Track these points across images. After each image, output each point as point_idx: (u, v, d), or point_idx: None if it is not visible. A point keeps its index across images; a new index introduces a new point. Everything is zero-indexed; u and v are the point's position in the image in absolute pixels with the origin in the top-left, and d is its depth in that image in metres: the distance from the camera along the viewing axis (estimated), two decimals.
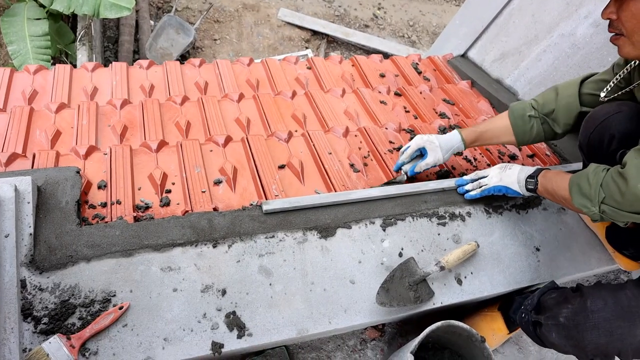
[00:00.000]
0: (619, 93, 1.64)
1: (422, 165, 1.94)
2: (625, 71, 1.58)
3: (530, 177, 1.70)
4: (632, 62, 1.53)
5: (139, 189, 1.78)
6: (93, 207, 1.66)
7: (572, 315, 1.44)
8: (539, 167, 1.74)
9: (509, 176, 1.77)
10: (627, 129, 1.58)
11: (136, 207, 1.69)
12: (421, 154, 1.99)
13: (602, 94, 1.68)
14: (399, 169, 2.05)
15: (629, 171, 1.28)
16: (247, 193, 1.86)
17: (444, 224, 1.86)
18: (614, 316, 1.35)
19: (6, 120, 2.00)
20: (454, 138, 1.95)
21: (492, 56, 2.98)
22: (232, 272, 1.53)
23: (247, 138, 2.06)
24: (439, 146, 1.92)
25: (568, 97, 1.81)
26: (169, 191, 1.79)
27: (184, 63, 2.68)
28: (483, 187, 1.86)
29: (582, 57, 2.41)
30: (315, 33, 6.14)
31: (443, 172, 2.12)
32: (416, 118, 2.57)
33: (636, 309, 1.34)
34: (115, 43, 5.15)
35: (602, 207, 1.37)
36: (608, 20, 1.36)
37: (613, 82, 1.64)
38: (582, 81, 1.80)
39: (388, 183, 2.04)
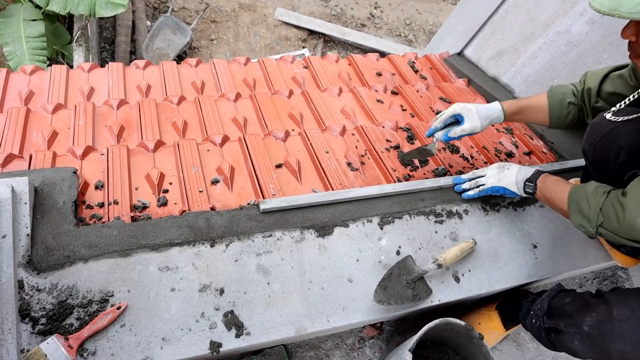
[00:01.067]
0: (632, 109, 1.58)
1: (457, 130, 1.85)
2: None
3: (529, 180, 1.70)
4: None
5: (136, 189, 1.78)
6: (90, 207, 1.66)
7: (598, 324, 1.41)
8: (538, 169, 1.73)
9: (507, 177, 1.76)
10: (636, 140, 1.53)
11: (133, 207, 1.69)
12: (457, 121, 1.91)
13: (615, 109, 1.59)
14: (431, 135, 1.96)
15: (628, 203, 1.29)
16: (245, 192, 1.86)
17: (441, 222, 1.86)
18: None
19: (2, 121, 1.99)
20: (493, 107, 1.87)
21: (488, 54, 2.99)
22: (230, 271, 1.53)
23: (244, 137, 2.06)
24: (476, 113, 1.83)
25: (589, 89, 1.78)
26: (166, 191, 1.79)
27: (180, 63, 2.68)
28: (481, 188, 1.86)
29: (578, 55, 2.42)
30: (312, 32, 6.14)
31: (440, 171, 2.12)
32: (413, 116, 2.57)
33: None
34: (112, 44, 5.14)
35: (600, 229, 1.39)
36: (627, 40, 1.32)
37: (629, 99, 1.56)
38: (606, 75, 1.75)
39: (419, 150, 1.99)
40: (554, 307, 1.60)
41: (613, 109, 1.60)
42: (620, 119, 1.56)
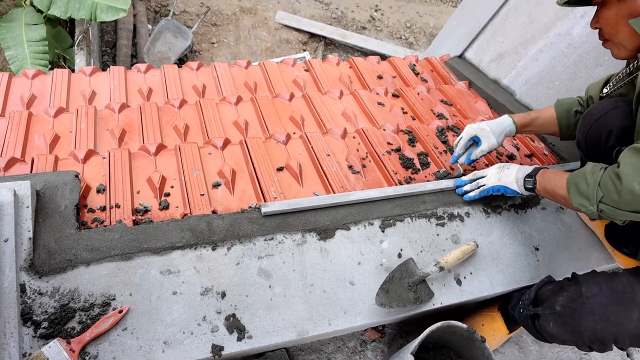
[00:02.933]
0: (622, 85, 1.68)
1: (477, 152, 1.99)
2: (628, 70, 1.62)
3: (528, 176, 1.70)
4: (634, 62, 1.56)
5: (138, 193, 1.78)
6: (92, 211, 1.66)
7: (568, 303, 1.45)
8: (537, 166, 1.74)
9: (508, 176, 1.77)
10: (624, 124, 1.60)
11: (135, 211, 1.69)
12: (474, 142, 2.04)
13: (605, 90, 1.74)
14: (455, 162, 2.09)
15: (623, 171, 1.29)
16: (246, 195, 1.86)
17: (442, 225, 1.86)
18: (609, 301, 1.37)
19: (5, 125, 2.00)
20: (504, 122, 2.00)
21: (489, 57, 2.99)
22: (232, 274, 1.54)
23: (245, 141, 2.07)
24: (490, 132, 1.96)
25: (590, 97, 1.88)
26: (167, 194, 1.79)
27: (181, 67, 2.68)
28: (482, 188, 1.86)
29: (578, 57, 2.42)
30: (312, 35, 6.15)
31: (441, 173, 2.12)
32: (414, 119, 2.57)
33: (631, 295, 1.35)
34: (113, 47, 5.15)
35: (600, 206, 1.38)
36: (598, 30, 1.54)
37: (617, 78, 1.69)
38: (605, 82, 1.85)
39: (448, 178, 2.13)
40: (539, 295, 1.62)
41: (604, 90, 1.75)
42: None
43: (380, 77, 2.88)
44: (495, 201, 1.97)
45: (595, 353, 2.14)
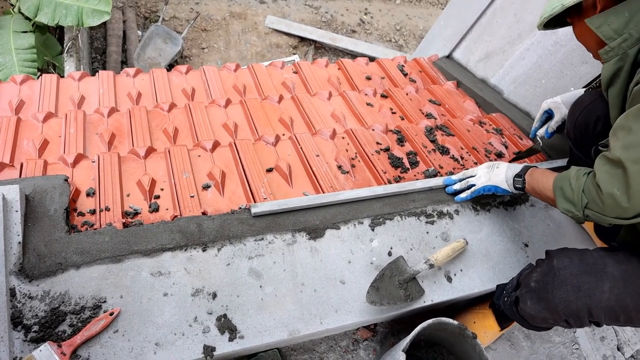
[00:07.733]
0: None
1: (552, 124, 2.14)
2: None
3: (517, 175, 1.72)
4: None
5: (128, 196, 1.78)
6: (82, 214, 1.66)
7: (541, 277, 1.49)
8: (526, 164, 1.76)
9: (497, 175, 1.78)
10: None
11: (125, 214, 1.69)
12: (549, 115, 2.18)
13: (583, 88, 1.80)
14: (534, 136, 2.27)
15: (600, 179, 1.32)
16: (236, 197, 1.87)
17: (432, 222, 1.87)
18: (580, 271, 1.39)
19: None
20: (577, 93, 2.06)
21: (477, 56, 3.02)
22: (222, 275, 1.54)
23: (234, 143, 2.07)
24: (562, 103, 2.09)
25: None
26: (157, 197, 1.79)
27: (170, 70, 2.69)
28: (472, 189, 1.88)
29: (565, 54, 2.44)
30: (302, 39, 6.17)
31: (431, 172, 2.14)
32: (403, 119, 2.59)
33: (602, 266, 1.38)
34: (103, 54, 5.15)
35: (586, 211, 1.40)
36: None
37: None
38: None
39: (528, 151, 2.32)
40: (520, 281, 1.65)
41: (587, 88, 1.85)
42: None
43: (369, 78, 2.90)
44: (484, 199, 1.99)
45: (586, 347, 2.15)
